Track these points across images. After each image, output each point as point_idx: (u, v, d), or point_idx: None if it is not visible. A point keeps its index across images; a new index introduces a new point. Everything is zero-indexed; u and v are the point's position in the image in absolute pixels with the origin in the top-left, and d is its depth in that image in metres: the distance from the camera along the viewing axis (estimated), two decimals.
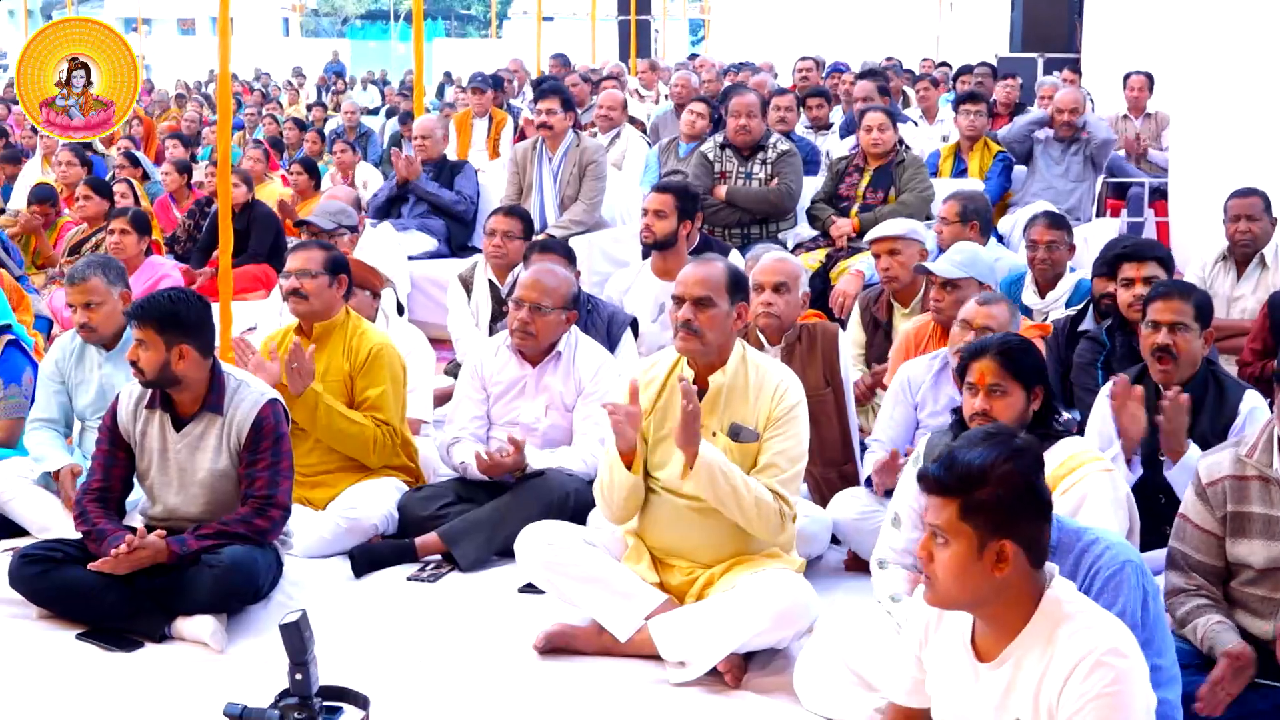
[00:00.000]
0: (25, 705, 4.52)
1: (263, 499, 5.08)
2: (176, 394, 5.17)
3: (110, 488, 5.24)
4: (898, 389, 5.72)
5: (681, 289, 4.83)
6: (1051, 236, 7.19)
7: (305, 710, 4.04)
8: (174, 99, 23.61)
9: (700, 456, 4.62)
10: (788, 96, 11.10)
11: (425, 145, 10.28)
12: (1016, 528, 3.15)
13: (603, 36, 25.31)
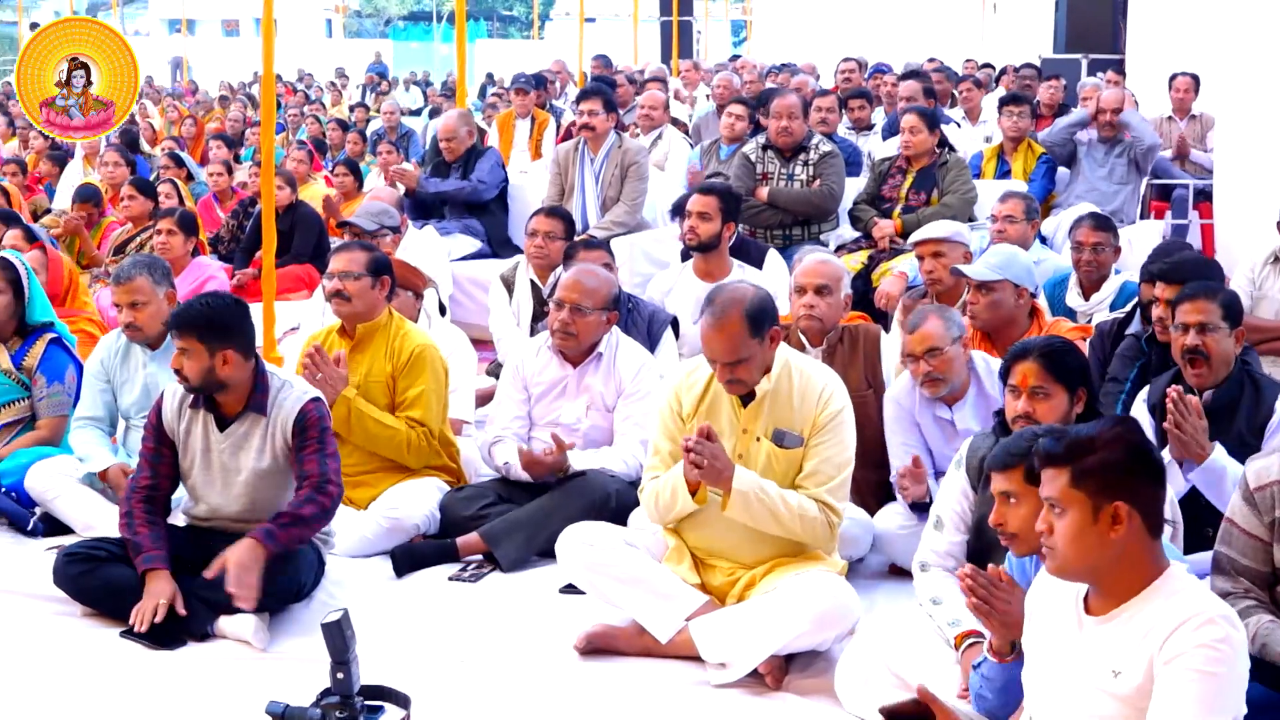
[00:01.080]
0: (69, 702, 4.54)
1: (317, 479, 5.07)
2: (221, 395, 5.19)
3: (158, 485, 5.26)
4: (895, 415, 5.69)
5: (710, 354, 4.81)
6: (1097, 239, 7.16)
7: (347, 709, 4.06)
8: (217, 100, 23.72)
9: (735, 489, 4.66)
10: (829, 98, 11.08)
11: (451, 146, 10.23)
12: (1129, 490, 3.22)
13: (645, 37, 25.30)
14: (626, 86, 14.92)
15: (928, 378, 5.46)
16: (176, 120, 19.14)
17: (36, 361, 6.53)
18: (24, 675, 4.71)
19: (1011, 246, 6.64)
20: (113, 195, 11.50)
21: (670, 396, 4.99)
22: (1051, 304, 7.28)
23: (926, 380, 5.47)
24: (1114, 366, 5.98)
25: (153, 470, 5.25)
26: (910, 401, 5.62)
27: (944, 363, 5.44)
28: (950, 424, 5.51)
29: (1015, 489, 3.79)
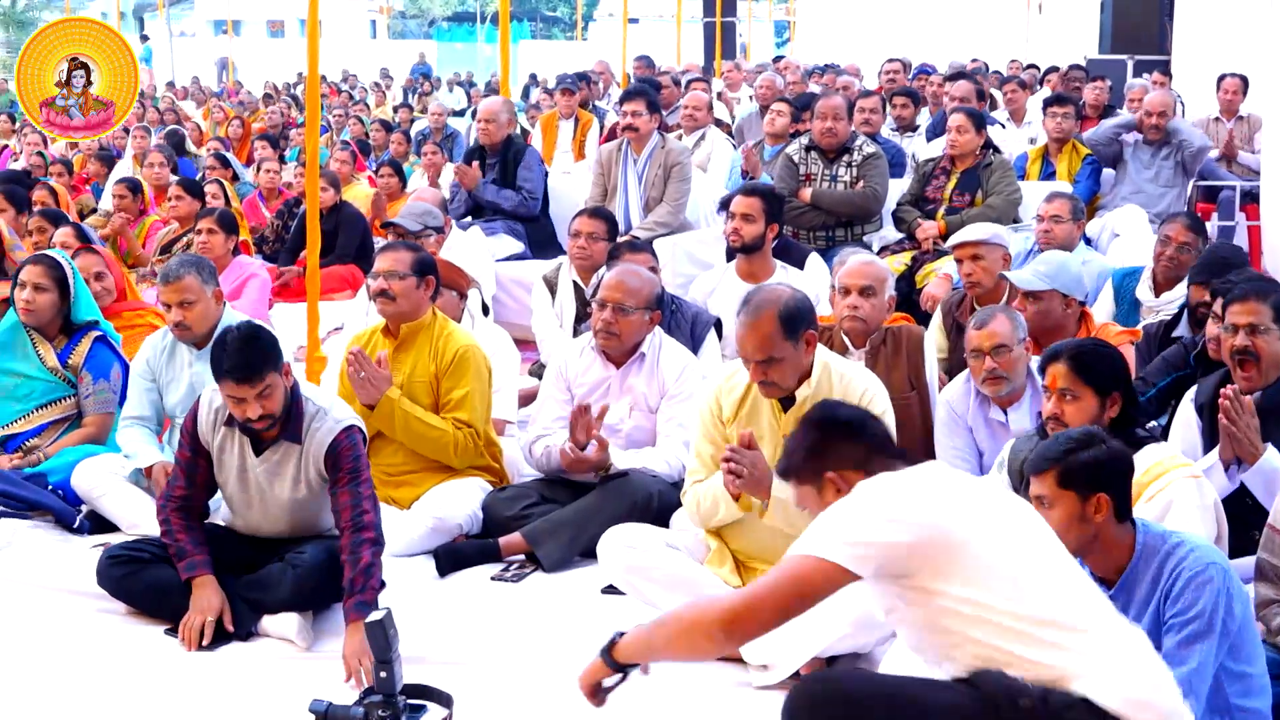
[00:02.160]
0: (113, 700, 4.57)
1: (353, 515, 4.91)
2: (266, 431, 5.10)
3: (193, 495, 5.22)
4: (947, 418, 5.67)
5: (743, 352, 4.82)
6: (1186, 238, 7.16)
7: (389, 708, 4.08)
8: (261, 100, 23.83)
9: (775, 498, 4.70)
10: (873, 98, 11.05)
11: (489, 129, 10.16)
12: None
13: (688, 38, 25.29)
14: (671, 88, 14.91)
15: (991, 375, 5.43)
16: (222, 121, 19.23)
17: (82, 359, 6.59)
18: (68, 672, 4.75)
19: (1063, 254, 6.61)
20: (157, 195, 11.58)
21: (710, 400, 4.99)
22: (1119, 295, 7.26)
23: (989, 378, 5.44)
24: (1153, 365, 5.94)
25: (188, 480, 5.21)
26: (964, 405, 5.60)
27: (1009, 362, 5.42)
28: (1004, 426, 5.48)
29: (1048, 493, 3.78)
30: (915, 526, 3.31)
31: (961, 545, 3.29)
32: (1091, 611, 3.34)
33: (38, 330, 6.62)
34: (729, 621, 3.32)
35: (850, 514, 3.35)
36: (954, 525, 3.31)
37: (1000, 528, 3.37)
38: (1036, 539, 3.43)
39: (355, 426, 5.10)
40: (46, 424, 6.57)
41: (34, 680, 4.67)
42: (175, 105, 23.10)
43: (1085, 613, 3.32)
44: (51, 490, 6.18)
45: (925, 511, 3.34)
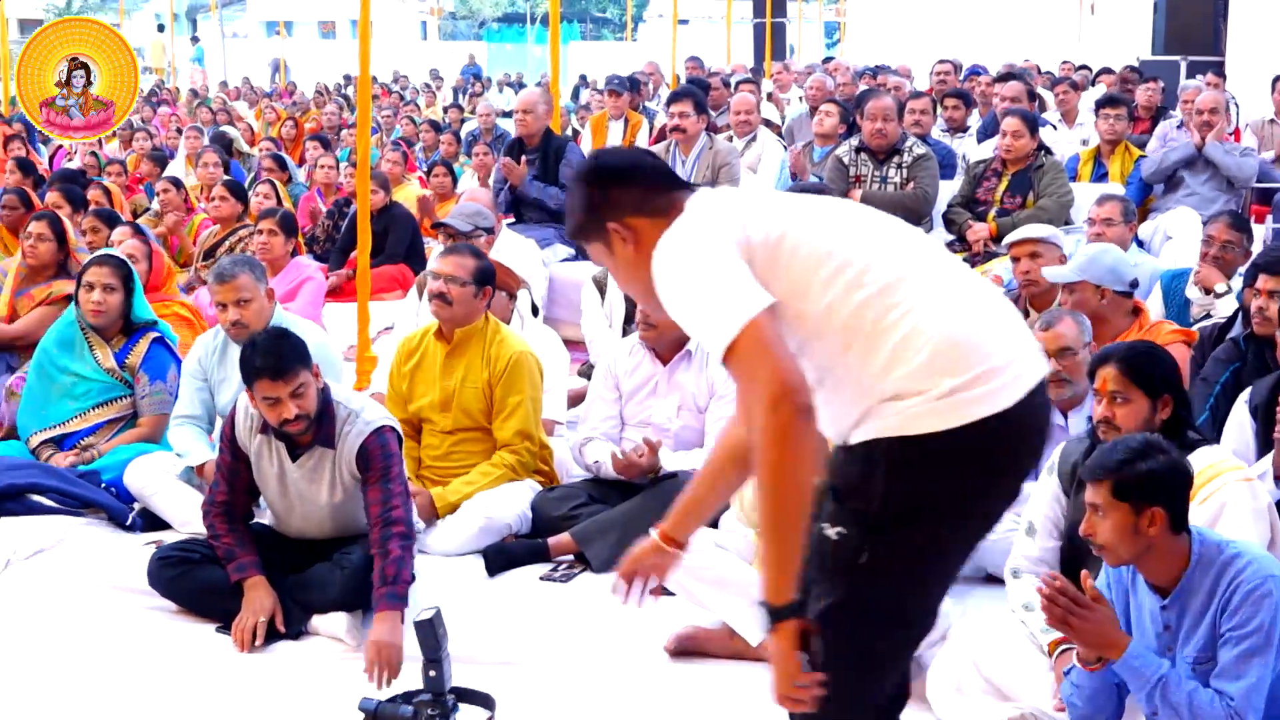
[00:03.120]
0: (164, 698, 4.61)
1: (381, 511, 4.93)
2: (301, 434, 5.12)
3: (234, 500, 5.25)
4: None
5: None
6: (1229, 237, 7.10)
7: (438, 706, 4.10)
8: (313, 101, 23.95)
9: None
10: (924, 100, 11.02)
11: (527, 120, 10.13)
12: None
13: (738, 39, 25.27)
14: (720, 89, 14.90)
15: (1055, 378, 5.39)
16: (274, 121, 19.34)
17: (139, 360, 6.64)
18: (120, 670, 4.79)
19: (1097, 245, 6.56)
20: (208, 195, 11.65)
21: None
22: (1168, 296, 7.21)
23: (1053, 380, 5.40)
24: (1207, 367, 5.89)
25: (229, 485, 5.23)
26: None
27: (1075, 365, 5.38)
28: (1063, 430, 5.43)
29: (1102, 503, 3.75)
30: (738, 244, 2.96)
31: (779, 243, 2.98)
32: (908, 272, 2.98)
33: (97, 331, 6.68)
34: (771, 405, 2.77)
35: (698, 280, 2.92)
36: (765, 228, 3.00)
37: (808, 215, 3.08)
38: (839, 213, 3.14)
39: (386, 427, 5.10)
40: (102, 423, 6.62)
41: (85, 677, 4.72)
42: (228, 106, 23.24)
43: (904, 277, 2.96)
44: (104, 488, 6.23)
45: (736, 227, 2.98)
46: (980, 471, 2.91)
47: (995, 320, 2.98)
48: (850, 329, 2.91)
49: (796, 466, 2.77)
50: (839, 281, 2.93)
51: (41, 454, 6.53)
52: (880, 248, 3.01)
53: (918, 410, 2.84)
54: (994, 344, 2.91)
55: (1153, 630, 3.80)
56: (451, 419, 6.10)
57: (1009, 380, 2.88)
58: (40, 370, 6.71)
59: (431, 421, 6.12)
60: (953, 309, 2.93)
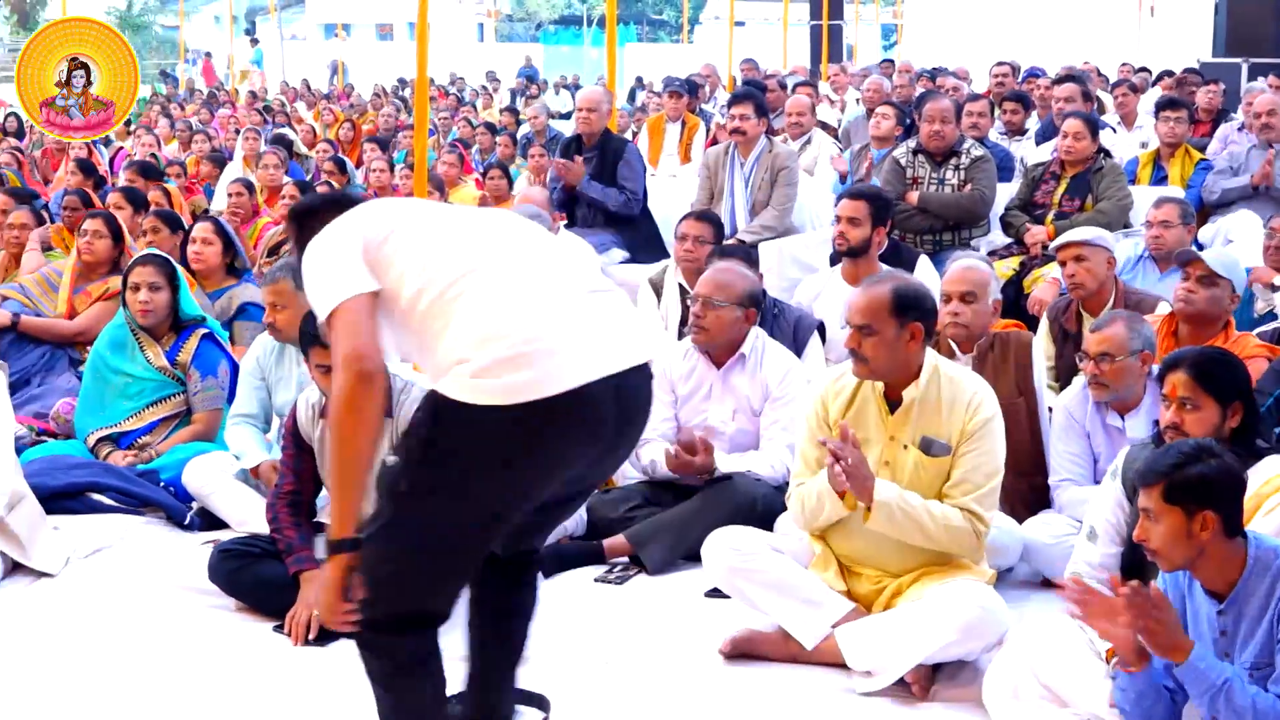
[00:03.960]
0: (222, 695, 4.63)
1: None
2: None
3: (300, 490, 5.31)
4: (1064, 423, 5.60)
5: (847, 315, 4.81)
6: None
7: None
8: (370, 103, 24.06)
9: (876, 500, 4.63)
10: (982, 102, 10.94)
11: (589, 118, 10.12)
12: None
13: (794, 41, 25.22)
14: (777, 91, 14.88)
15: (1095, 380, 5.37)
16: (332, 123, 19.44)
17: (190, 357, 6.70)
18: (179, 667, 4.81)
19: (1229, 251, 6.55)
20: (269, 196, 11.73)
21: (816, 403, 4.97)
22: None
23: (1093, 382, 5.39)
24: (1264, 376, 5.84)
25: (295, 476, 5.32)
26: (1082, 410, 5.52)
27: (1115, 371, 5.34)
28: (1121, 433, 5.39)
29: (1154, 507, 3.72)
30: (355, 237, 3.57)
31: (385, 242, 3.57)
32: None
33: (146, 330, 6.73)
34: (342, 368, 3.41)
35: (317, 268, 3.58)
36: (378, 228, 3.60)
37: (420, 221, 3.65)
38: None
39: None
40: (157, 421, 6.68)
41: (143, 674, 4.75)
42: (287, 107, 23.38)
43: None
44: (163, 487, 6.29)
45: (357, 229, 3.60)
46: (502, 446, 3.37)
47: (553, 315, 3.44)
48: (428, 312, 3.46)
49: (355, 421, 3.37)
50: (425, 275, 3.48)
51: (99, 452, 6.59)
52: (466, 247, 3.55)
53: (458, 382, 3.33)
54: (537, 337, 3.37)
55: (1209, 635, 3.78)
56: None
57: (542, 374, 3.33)
58: (95, 372, 6.78)
59: None
60: (504, 304, 3.42)
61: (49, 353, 7.81)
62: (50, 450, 6.64)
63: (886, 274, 4.99)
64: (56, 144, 14.94)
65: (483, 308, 3.41)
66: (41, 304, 8.08)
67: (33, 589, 5.44)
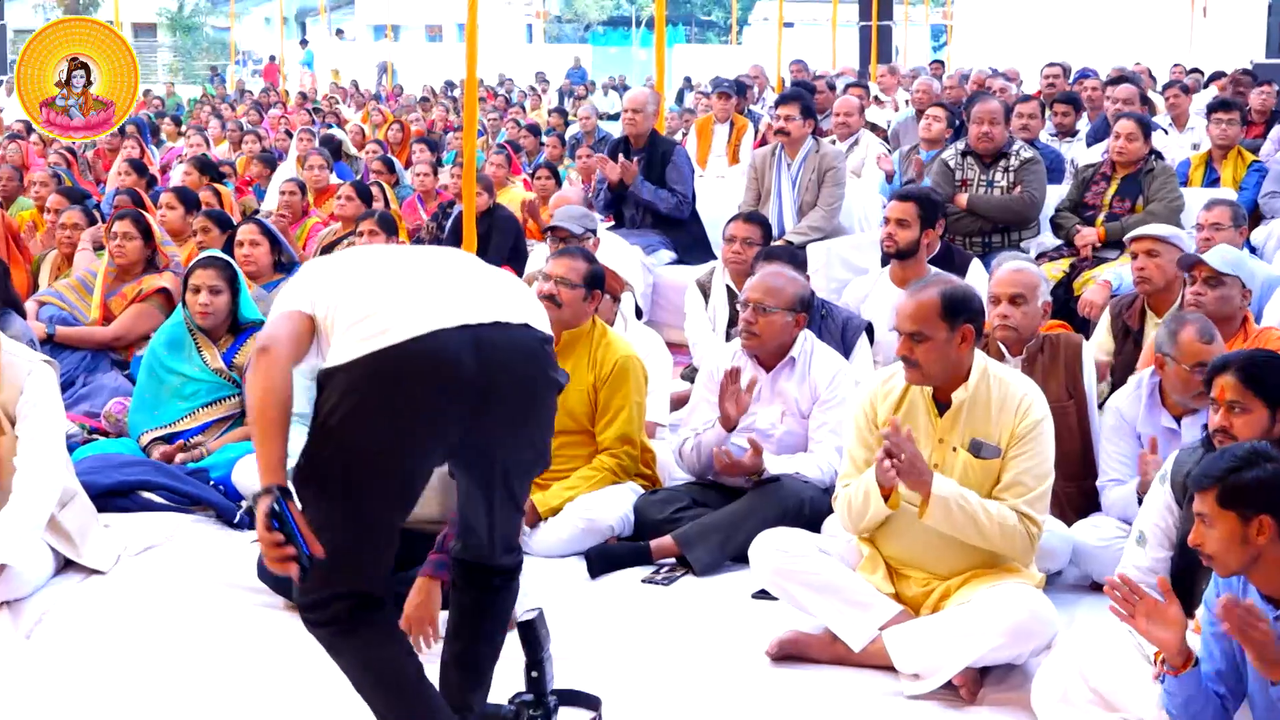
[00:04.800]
0: (268, 692, 4.66)
1: None
2: None
3: None
4: (1116, 424, 5.56)
5: (897, 322, 4.79)
6: None
7: (540, 707, 4.11)
8: (419, 104, 24.15)
9: (934, 494, 4.59)
10: (1032, 103, 10.89)
11: (635, 119, 10.12)
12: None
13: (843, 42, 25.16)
14: (825, 92, 14.85)
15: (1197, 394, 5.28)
16: (381, 124, 19.52)
17: (247, 360, 6.71)
18: (227, 664, 4.84)
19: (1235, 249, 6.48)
20: (318, 197, 11.78)
21: (865, 404, 4.95)
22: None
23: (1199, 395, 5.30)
24: None
25: None
26: (1134, 412, 5.48)
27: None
28: (1175, 435, 5.35)
29: (1208, 512, 3.70)
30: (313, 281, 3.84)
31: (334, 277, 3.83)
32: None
33: (204, 332, 6.77)
34: (257, 350, 3.74)
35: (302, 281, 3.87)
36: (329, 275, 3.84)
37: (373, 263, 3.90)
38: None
39: None
40: (210, 422, 6.70)
41: (192, 671, 4.77)
42: (335, 108, 23.48)
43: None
44: (213, 486, 6.32)
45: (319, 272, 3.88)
46: (366, 397, 3.62)
47: (413, 286, 3.72)
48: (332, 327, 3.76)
49: (263, 387, 3.69)
50: (339, 311, 3.73)
51: (152, 452, 6.63)
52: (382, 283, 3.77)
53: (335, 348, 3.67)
54: (393, 301, 3.65)
55: None
56: (555, 421, 6.10)
57: (391, 323, 3.59)
58: (150, 371, 6.81)
59: None
60: (377, 297, 3.68)
61: (89, 355, 7.86)
62: (101, 448, 6.69)
63: (932, 278, 4.96)
64: (108, 144, 15.05)
65: (360, 305, 3.68)
66: (77, 309, 8.13)
67: (84, 586, 5.48)
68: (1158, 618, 3.77)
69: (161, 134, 19.26)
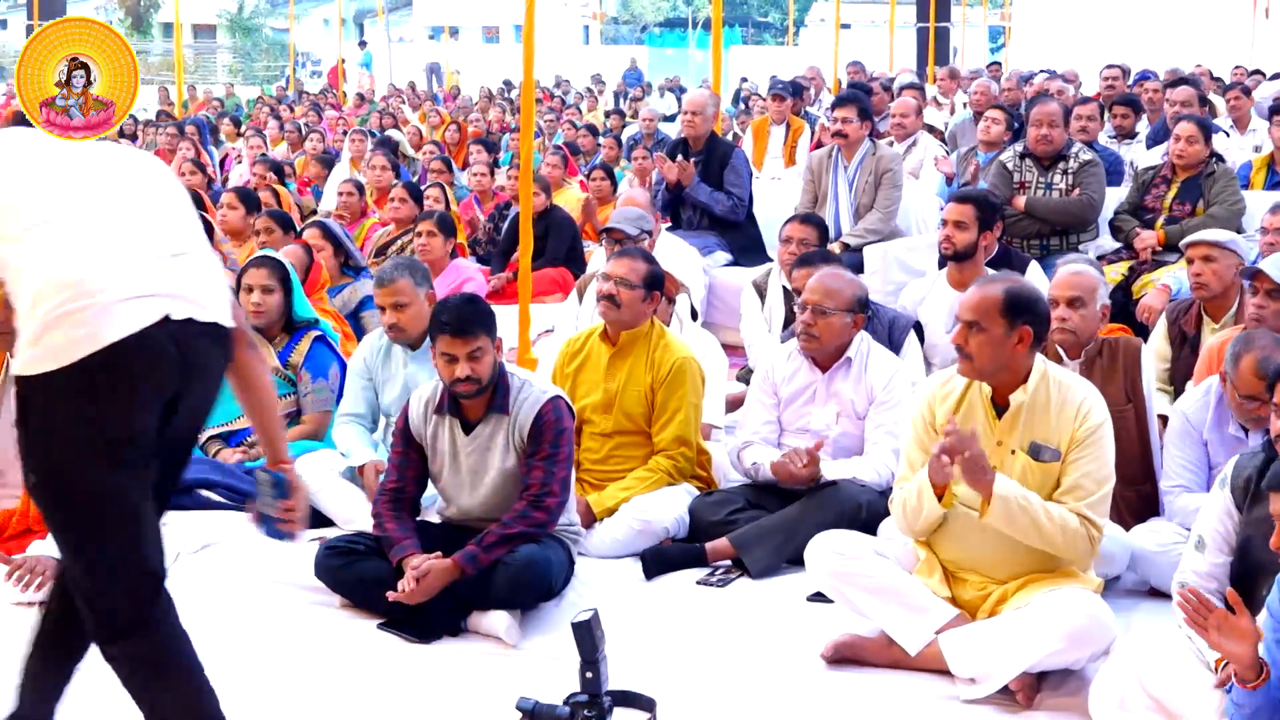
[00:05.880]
0: (324, 691, 4.68)
1: (537, 492, 5.16)
2: (467, 399, 5.30)
3: (404, 489, 5.39)
4: (1181, 429, 5.50)
5: (958, 310, 4.78)
6: None
7: (595, 708, 4.10)
8: (476, 105, 24.22)
9: (996, 494, 4.56)
10: (1090, 105, 10.83)
11: (694, 122, 10.10)
12: None
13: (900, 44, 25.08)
14: (881, 94, 14.80)
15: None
16: (438, 125, 19.59)
17: (302, 359, 6.76)
18: (283, 662, 4.87)
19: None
20: (378, 198, 11.84)
21: (923, 406, 4.93)
22: None
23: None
24: None
25: (399, 474, 5.39)
26: (1201, 417, 5.42)
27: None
28: (1243, 442, 5.28)
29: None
30: None
31: None
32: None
33: (259, 331, 6.81)
34: None
35: None
36: None
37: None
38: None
39: (560, 397, 5.33)
40: None
41: (248, 668, 4.79)
42: (394, 109, 23.59)
43: None
44: None
45: None
46: (76, 403, 3.40)
47: (113, 271, 3.47)
48: (14, 274, 3.50)
49: None
50: (13, 229, 3.52)
51: (209, 449, 6.68)
52: (43, 193, 3.66)
53: (22, 357, 3.40)
54: (91, 293, 3.40)
55: None
56: (612, 421, 6.13)
57: (95, 329, 3.37)
58: None
59: (592, 423, 6.16)
60: (66, 260, 3.46)
61: None
62: None
63: (1003, 274, 4.95)
64: (168, 144, 15.17)
65: (44, 264, 3.46)
66: None
67: None
68: (1229, 630, 3.73)
69: (220, 134, 19.40)
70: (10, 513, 5.49)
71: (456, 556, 5.04)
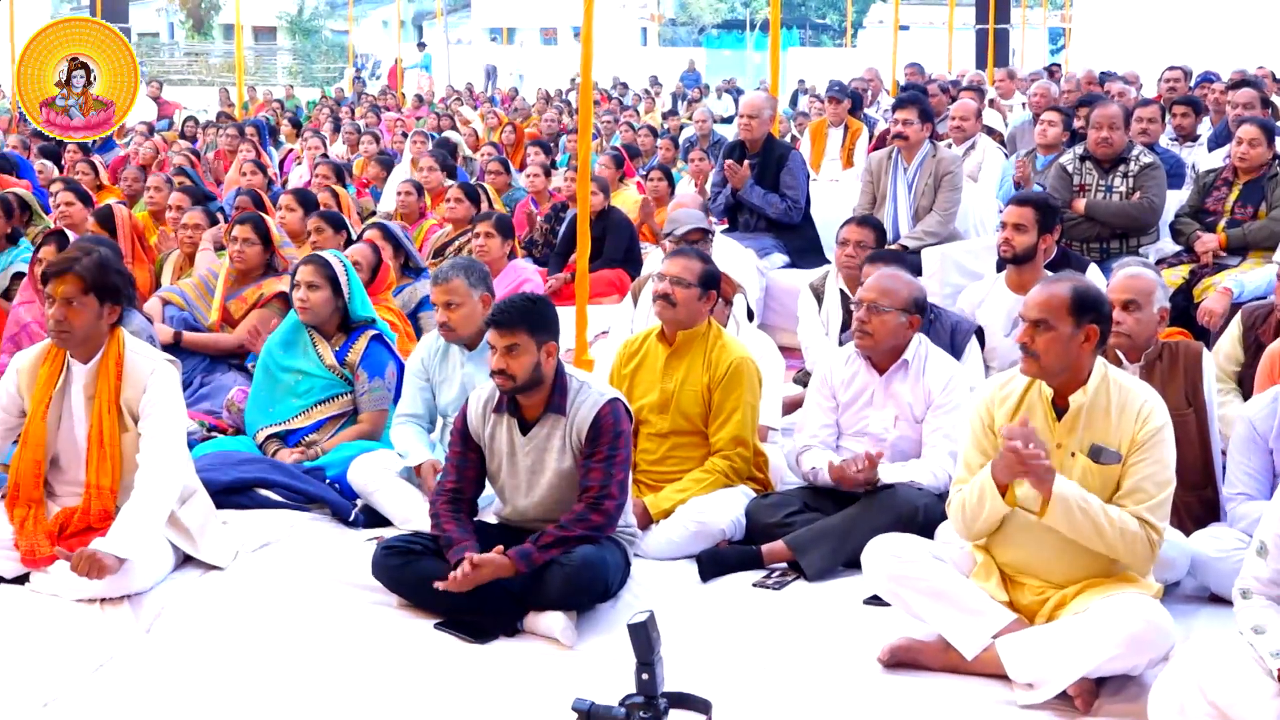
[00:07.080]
0: (384, 689, 4.70)
1: (596, 494, 5.17)
2: (525, 398, 5.31)
3: (462, 489, 5.41)
4: (1247, 435, 5.45)
5: (1022, 309, 4.76)
6: None
7: (650, 709, 4.11)
8: (534, 106, 24.28)
9: (1056, 494, 4.53)
10: (1152, 107, 10.75)
11: (751, 125, 10.12)
12: None
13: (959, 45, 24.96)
14: (939, 96, 14.75)
15: None
16: (496, 126, 19.64)
17: (359, 358, 6.80)
18: (340, 662, 4.88)
19: None
20: (434, 198, 11.88)
21: (981, 410, 4.91)
22: None
23: None
24: None
25: (458, 474, 5.42)
26: (1269, 424, 5.35)
27: None
28: None
29: None
30: None
31: None
32: None
33: (317, 329, 6.85)
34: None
35: None
36: None
37: None
38: None
39: (618, 399, 5.34)
40: (324, 420, 6.79)
41: (306, 667, 4.82)
42: (452, 110, 23.67)
43: None
44: (329, 484, 6.39)
45: None
46: None
47: None
48: None
49: None
50: None
51: (268, 449, 6.73)
52: None
53: None
54: None
55: None
56: (669, 421, 6.14)
57: None
58: (265, 370, 6.92)
59: (649, 423, 6.16)
60: None
61: (208, 357, 7.99)
62: (220, 446, 6.80)
63: (1067, 274, 4.92)
64: (229, 145, 15.27)
65: None
66: (198, 309, 8.24)
67: (202, 581, 5.56)
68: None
69: (280, 136, 19.52)
70: (72, 510, 5.54)
71: (511, 552, 5.06)
